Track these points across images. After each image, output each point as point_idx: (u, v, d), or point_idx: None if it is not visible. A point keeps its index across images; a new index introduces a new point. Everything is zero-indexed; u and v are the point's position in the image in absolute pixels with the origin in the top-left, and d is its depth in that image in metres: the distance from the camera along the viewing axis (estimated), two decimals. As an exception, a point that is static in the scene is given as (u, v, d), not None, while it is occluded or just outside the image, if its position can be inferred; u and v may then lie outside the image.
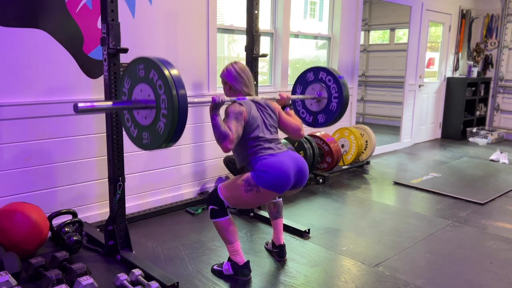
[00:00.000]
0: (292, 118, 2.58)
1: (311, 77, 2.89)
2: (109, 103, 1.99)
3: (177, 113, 1.80)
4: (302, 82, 2.95)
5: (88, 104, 1.81)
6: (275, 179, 2.24)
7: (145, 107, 1.92)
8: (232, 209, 3.01)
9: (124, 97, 2.05)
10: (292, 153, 2.41)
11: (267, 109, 2.45)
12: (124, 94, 2.04)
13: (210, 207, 2.38)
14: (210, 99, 2.21)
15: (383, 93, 8.15)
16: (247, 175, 2.29)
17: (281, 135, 2.90)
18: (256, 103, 2.43)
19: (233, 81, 2.42)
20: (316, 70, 2.88)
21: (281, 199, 2.72)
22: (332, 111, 2.81)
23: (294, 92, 3.00)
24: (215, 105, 2.21)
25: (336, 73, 2.79)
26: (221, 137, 2.16)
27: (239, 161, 2.45)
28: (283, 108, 2.62)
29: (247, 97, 2.39)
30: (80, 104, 1.77)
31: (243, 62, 2.62)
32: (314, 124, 2.94)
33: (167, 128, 1.83)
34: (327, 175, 4.43)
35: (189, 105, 1.87)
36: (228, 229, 2.39)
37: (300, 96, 2.88)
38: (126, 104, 1.97)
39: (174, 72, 1.83)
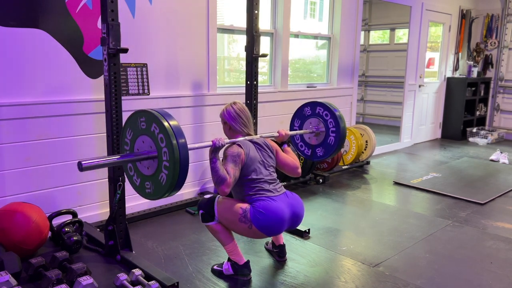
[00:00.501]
0: (290, 156, 2.60)
1: (309, 111, 2.95)
2: (113, 157, 2.05)
3: (179, 165, 1.85)
4: (300, 116, 3.01)
5: (92, 161, 1.85)
6: (269, 224, 2.28)
7: (148, 158, 1.96)
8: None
9: (126, 147, 2.11)
10: (290, 196, 2.43)
11: (266, 149, 2.48)
12: (126, 144, 2.10)
13: (201, 211, 2.41)
14: (210, 143, 2.25)
15: (383, 93, 8.15)
16: (247, 206, 2.31)
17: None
18: (255, 143, 2.46)
19: (232, 121, 2.46)
20: (313, 104, 2.94)
21: None
22: (330, 145, 2.86)
23: (292, 125, 3.07)
24: (214, 149, 2.24)
25: (333, 107, 2.85)
26: (218, 181, 2.19)
27: (236, 199, 2.45)
28: (281, 144, 2.65)
29: (246, 137, 2.42)
30: (84, 162, 1.80)
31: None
32: (312, 157, 3.00)
33: (169, 179, 1.88)
34: (327, 175, 4.43)
35: (189, 150, 1.92)
36: (220, 231, 2.41)
37: (299, 132, 2.93)
38: (128, 157, 2.01)
39: (174, 123, 1.88)
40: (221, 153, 2.31)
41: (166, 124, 1.87)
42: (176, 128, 1.88)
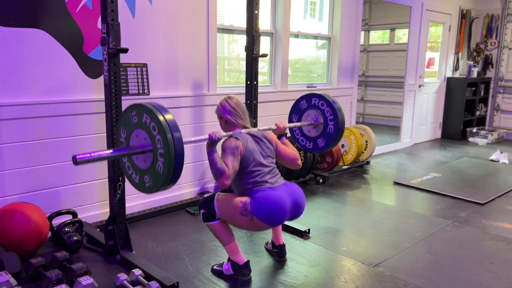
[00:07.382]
0: (289, 148, 2.60)
1: (304, 104, 2.94)
2: (108, 151, 2.06)
3: (173, 148, 1.84)
4: (297, 110, 3.00)
5: (87, 154, 1.85)
6: (271, 213, 2.27)
7: (143, 151, 1.97)
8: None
9: (122, 146, 2.11)
10: (290, 186, 2.43)
11: (264, 141, 2.47)
12: (122, 144, 2.11)
13: (202, 211, 2.41)
14: (206, 136, 2.23)
15: (383, 93, 8.15)
16: (247, 199, 2.30)
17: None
18: (253, 135, 2.45)
19: (228, 115, 2.46)
20: (308, 97, 2.93)
21: None
22: (330, 134, 2.85)
23: (290, 121, 3.05)
24: (211, 142, 2.23)
25: (327, 96, 2.84)
26: (218, 174, 2.19)
27: (237, 193, 2.45)
28: (280, 137, 2.65)
29: (243, 130, 2.42)
30: (78, 156, 1.80)
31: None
32: (315, 149, 2.98)
33: (165, 166, 1.88)
34: (327, 175, 4.43)
35: (185, 145, 1.93)
36: (222, 230, 2.41)
37: (297, 124, 2.92)
38: (123, 151, 2.02)
39: (168, 117, 1.89)
40: (219, 149, 2.30)
41: (159, 116, 1.87)
42: (170, 120, 1.87)
